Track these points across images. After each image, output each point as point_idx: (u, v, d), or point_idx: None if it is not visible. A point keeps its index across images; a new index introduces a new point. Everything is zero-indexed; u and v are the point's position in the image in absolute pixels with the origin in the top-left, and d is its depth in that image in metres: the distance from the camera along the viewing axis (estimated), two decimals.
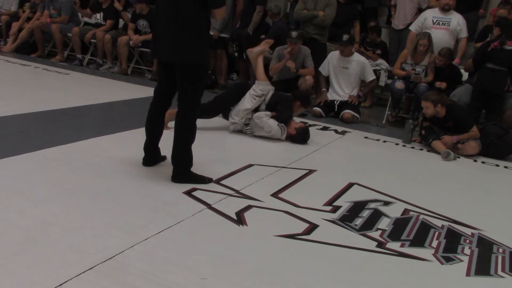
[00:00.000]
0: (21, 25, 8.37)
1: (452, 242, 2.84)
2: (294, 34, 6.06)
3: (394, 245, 2.69)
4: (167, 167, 3.44)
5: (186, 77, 3.12)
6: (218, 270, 2.20)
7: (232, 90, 4.92)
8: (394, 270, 2.44)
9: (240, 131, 4.71)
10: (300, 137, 4.63)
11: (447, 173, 4.41)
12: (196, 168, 3.27)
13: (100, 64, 7.89)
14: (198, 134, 4.39)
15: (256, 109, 4.64)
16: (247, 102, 4.57)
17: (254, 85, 4.65)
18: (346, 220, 2.96)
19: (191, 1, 2.99)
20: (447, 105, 4.98)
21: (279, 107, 4.66)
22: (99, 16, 8.11)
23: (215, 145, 4.28)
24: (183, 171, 3.22)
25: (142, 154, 3.66)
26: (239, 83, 4.80)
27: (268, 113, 4.58)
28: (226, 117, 4.81)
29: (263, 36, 7.44)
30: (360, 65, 6.16)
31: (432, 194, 3.70)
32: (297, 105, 4.93)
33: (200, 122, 4.39)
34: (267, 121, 4.53)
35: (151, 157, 3.46)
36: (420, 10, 7.12)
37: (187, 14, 3.01)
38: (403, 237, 2.83)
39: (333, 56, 6.26)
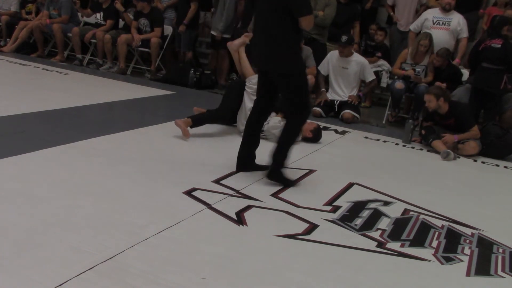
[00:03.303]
0: (23, 25, 8.36)
1: (452, 242, 2.85)
2: None
3: (394, 245, 2.69)
4: (167, 167, 3.45)
5: (282, 85, 3.32)
6: (218, 270, 2.20)
7: (230, 91, 4.81)
8: (394, 270, 2.44)
9: None
10: (315, 138, 4.76)
11: (447, 173, 4.41)
12: (196, 168, 3.28)
13: (100, 64, 7.89)
14: (198, 135, 4.42)
15: None
16: (248, 102, 4.53)
17: (246, 83, 4.58)
18: (346, 220, 2.96)
19: (279, 15, 3.15)
20: (450, 101, 4.99)
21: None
22: (99, 16, 8.12)
23: (215, 145, 4.28)
24: (276, 168, 3.35)
25: (141, 154, 3.68)
26: (234, 83, 4.74)
27: (279, 118, 4.58)
28: (230, 122, 4.83)
29: None
30: (359, 65, 6.16)
31: (432, 194, 3.70)
32: None
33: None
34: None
35: (243, 162, 3.57)
36: (421, 6, 7.15)
37: (277, 27, 3.18)
38: (403, 237, 2.83)
39: (333, 55, 6.26)
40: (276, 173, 3.36)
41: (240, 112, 4.61)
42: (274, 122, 4.49)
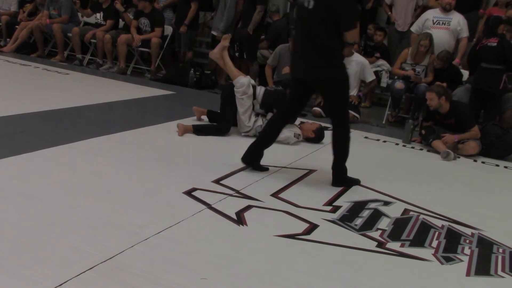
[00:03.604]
0: (24, 26, 8.35)
1: (452, 242, 2.85)
2: None
3: (394, 245, 2.69)
4: (167, 167, 3.45)
5: (329, 92, 3.46)
6: (218, 270, 2.20)
7: (223, 103, 4.73)
8: (394, 270, 2.44)
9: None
10: (317, 138, 4.76)
11: (447, 173, 4.41)
12: (197, 168, 3.27)
13: (100, 64, 7.89)
14: (199, 136, 4.42)
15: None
16: (239, 105, 4.52)
17: (234, 88, 4.54)
18: (346, 220, 2.96)
19: (326, 26, 3.20)
20: (451, 101, 4.99)
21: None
22: (99, 16, 8.12)
23: (215, 145, 4.28)
24: (342, 176, 3.54)
25: (141, 154, 3.68)
26: (223, 94, 4.75)
27: None
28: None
29: (263, 36, 7.47)
30: (359, 65, 6.16)
31: (432, 194, 3.70)
32: None
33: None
34: (282, 135, 4.51)
35: (250, 157, 3.63)
36: (418, 7, 7.14)
37: (323, 38, 3.24)
38: (403, 237, 2.83)
39: None
40: (342, 179, 3.55)
41: (238, 116, 4.60)
42: None
